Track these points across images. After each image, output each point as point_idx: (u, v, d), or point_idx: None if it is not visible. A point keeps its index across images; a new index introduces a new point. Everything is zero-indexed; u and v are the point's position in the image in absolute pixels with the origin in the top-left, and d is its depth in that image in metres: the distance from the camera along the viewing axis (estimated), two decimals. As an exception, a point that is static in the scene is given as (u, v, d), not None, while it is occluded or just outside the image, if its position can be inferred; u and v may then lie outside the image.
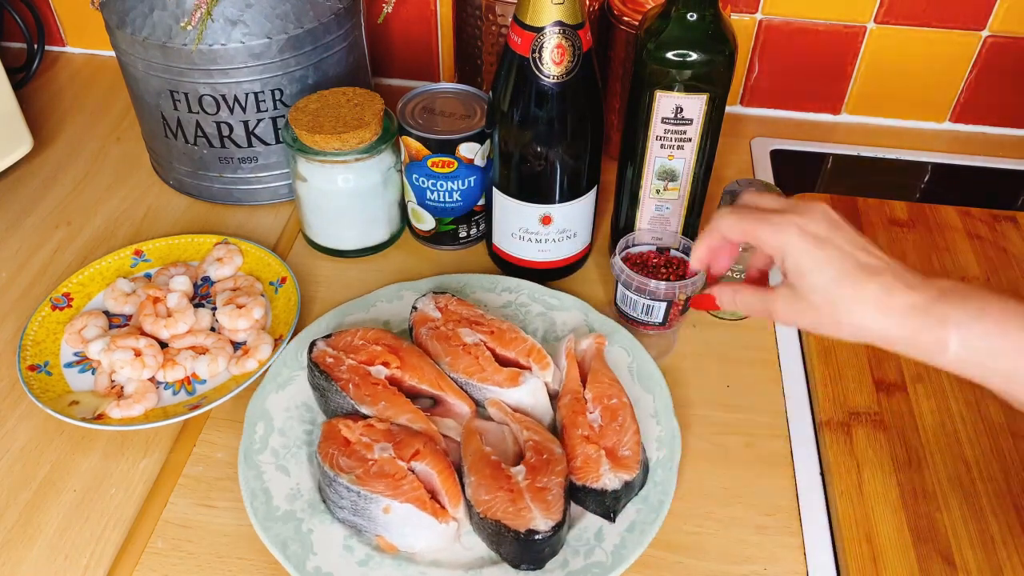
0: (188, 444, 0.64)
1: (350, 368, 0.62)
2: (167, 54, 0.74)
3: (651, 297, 0.67)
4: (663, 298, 0.67)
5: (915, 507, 0.60)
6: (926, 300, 0.47)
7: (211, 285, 0.76)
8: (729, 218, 0.53)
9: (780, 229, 0.50)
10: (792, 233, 0.50)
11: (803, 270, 0.49)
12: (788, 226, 0.50)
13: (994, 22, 0.90)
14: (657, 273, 0.69)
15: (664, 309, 0.68)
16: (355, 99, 0.75)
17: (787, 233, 0.50)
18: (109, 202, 0.87)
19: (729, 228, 0.53)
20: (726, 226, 0.53)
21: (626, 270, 0.67)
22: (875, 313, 0.47)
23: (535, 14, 0.62)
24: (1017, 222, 0.84)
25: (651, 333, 0.70)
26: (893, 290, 0.47)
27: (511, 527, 0.53)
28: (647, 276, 0.68)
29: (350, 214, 0.77)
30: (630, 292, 0.68)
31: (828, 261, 0.49)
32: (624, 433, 0.59)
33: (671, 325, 0.70)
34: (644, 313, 0.69)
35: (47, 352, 0.69)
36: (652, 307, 0.68)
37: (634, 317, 0.70)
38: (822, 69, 0.96)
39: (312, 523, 0.57)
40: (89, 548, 0.58)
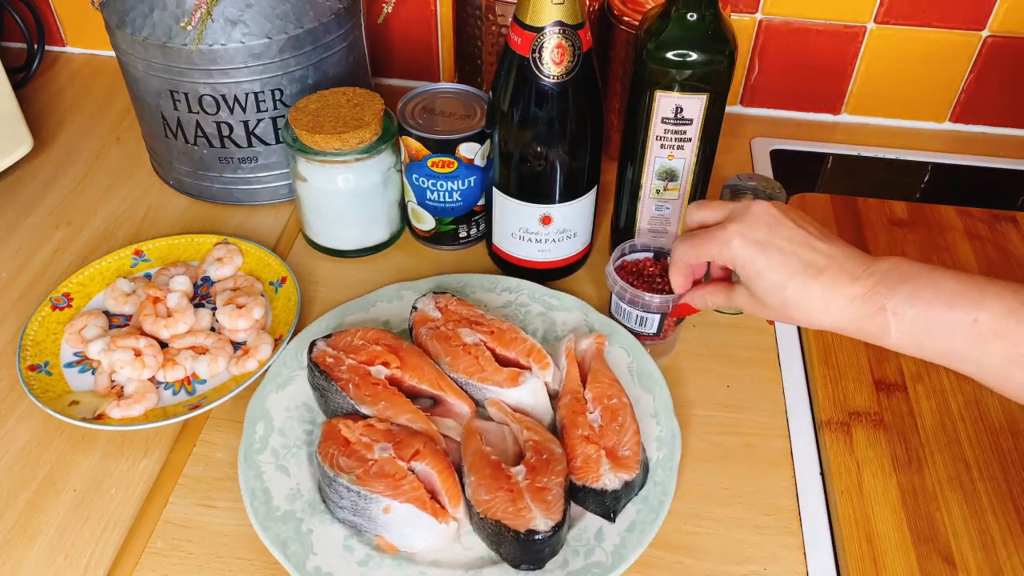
0: (188, 444, 0.64)
1: (350, 368, 0.62)
2: (167, 54, 0.74)
3: (644, 309, 0.67)
4: (656, 311, 0.67)
5: (915, 507, 0.60)
6: (865, 289, 0.49)
7: (211, 285, 0.76)
8: (682, 246, 0.57)
9: (725, 243, 0.54)
10: (737, 244, 0.53)
11: (752, 276, 0.53)
12: (732, 238, 0.53)
13: (994, 22, 0.90)
14: (653, 282, 0.68)
15: (658, 321, 0.68)
16: (355, 99, 0.75)
17: (732, 245, 0.53)
18: (109, 202, 0.87)
19: (686, 255, 0.57)
20: (682, 254, 0.58)
21: (619, 282, 0.67)
22: (822, 310, 0.51)
23: (535, 14, 0.62)
24: (1017, 222, 0.84)
25: (647, 343, 0.70)
26: (836, 285, 0.50)
27: (511, 527, 0.53)
28: (643, 284, 0.68)
29: (350, 214, 0.77)
30: (624, 304, 0.68)
31: (772, 267, 0.52)
32: (624, 433, 0.59)
33: (666, 335, 0.70)
34: (638, 324, 0.69)
35: (47, 352, 0.69)
36: (646, 319, 0.68)
37: (628, 327, 0.70)
38: (822, 69, 0.96)
39: (312, 523, 0.57)
40: (89, 548, 0.58)
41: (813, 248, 0.52)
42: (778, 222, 0.53)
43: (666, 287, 0.69)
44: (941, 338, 0.48)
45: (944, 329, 0.47)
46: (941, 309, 0.47)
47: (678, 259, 0.59)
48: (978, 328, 0.46)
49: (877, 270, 0.50)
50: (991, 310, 0.46)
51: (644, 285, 0.68)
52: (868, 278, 0.50)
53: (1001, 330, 0.46)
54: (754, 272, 0.52)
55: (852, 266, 0.51)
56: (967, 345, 0.47)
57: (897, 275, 0.49)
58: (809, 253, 0.51)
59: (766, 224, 0.53)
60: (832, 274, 0.50)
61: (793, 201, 0.86)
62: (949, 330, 0.47)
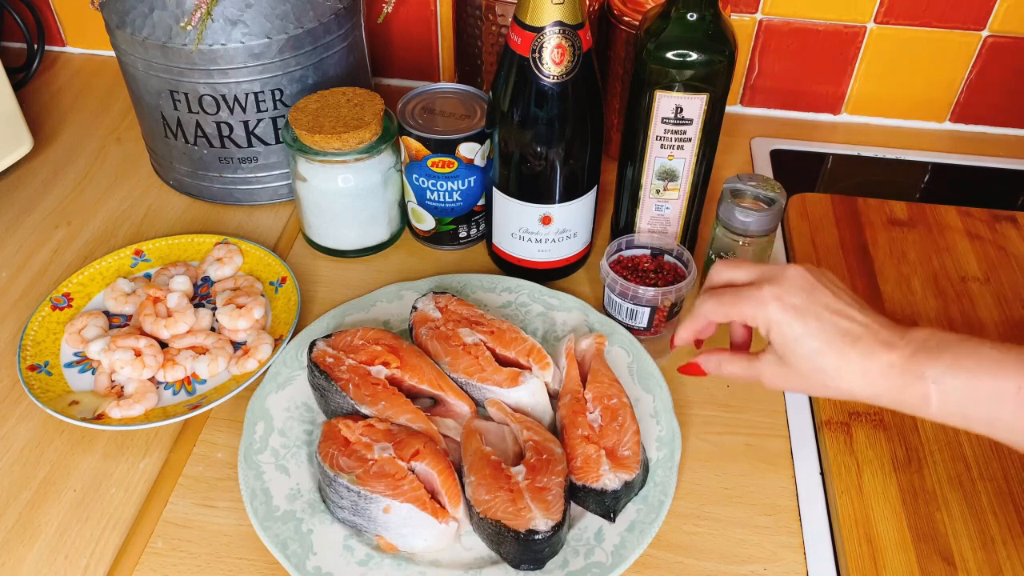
0: (188, 444, 0.64)
1: (350, 368, 0.62)
2: (167, 54, 0.74)
3: (634, 302, 0.67)
4: (646, 304, 0.67)
5: (915, 507, 0.60)
6: (903, 358, 0.49)
7: (211, 285, 0.76)
8: (709, 303, 0.55)
9: (761, 304, 0.52)
10: (773, 308, 0.52)
11: (788, 342, 0.51)
12: (768, 301, 0.52)
13: (994, 22, 0.90)
14: (647, 278, 0.69)
15: (648, 314, 0.68)
16: (355, 99, 0.75)
17: (768, 308, 0.52)
18: (109, 202, 0.87)
19: (712, 312, 0.55)
20: (709, 310, 0.56)
21: (611, 273, 0.67)
22: (859, 378, 0.50)
23: (535, 14, 0.62)
24: (1017, 222, 0.84)
25: (640, 338, 0.70)
26: (873, 353, 0.49)
27: (511, 527, 0.53)
28: (637, 280, 0.68)
29: (350, 214, 0.77)
30: (614, 296, 0.68)
31: (810, 333, 0.51)
32: (624, 433, 0.59)
33: (657, 331, 0.70)
34: (628, 317, 0.69)
35: (47, 352, 0.69)
36: (636, 312, 0.68)
37: (619, 321, 0.70)
38: (822, 69, 0.96)
39: (312, 523, 0.57)
40: (89, 548, 0.58)
41: (849, 316, 0.51)
42: (814, 288, 0.52)
43: (659, 283, 0.69)
44: (985, 407, 0.47)
45: (988, 398, 0.47)
46: (984, 378, 0.47)
47: (701, 314, 0.56)
48: (1022, 396, 0.46)
49: (913, 339, 0.49)
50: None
51: (637, 280, 0.68)
52: (905, 347, 0.49)
53: None
54: (792, 338, 0.51)
55: (887, 335, 0.50)
56: (1013, 413, 0.46)
57: (935, 344, 0.49)
58: (845, 321, 0.51)
59: (802, 289, 0.52)
60: (869, 342, 0.50)
61: (793, 201, 0.86)
62: (993, 399, 0.47)
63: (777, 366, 0.53)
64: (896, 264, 0.79)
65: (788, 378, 0.53)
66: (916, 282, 0.77)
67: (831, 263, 0.79)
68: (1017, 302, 0.75)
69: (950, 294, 0.76)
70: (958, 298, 0.75)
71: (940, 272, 0.78)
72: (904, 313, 0.74)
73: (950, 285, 0.77)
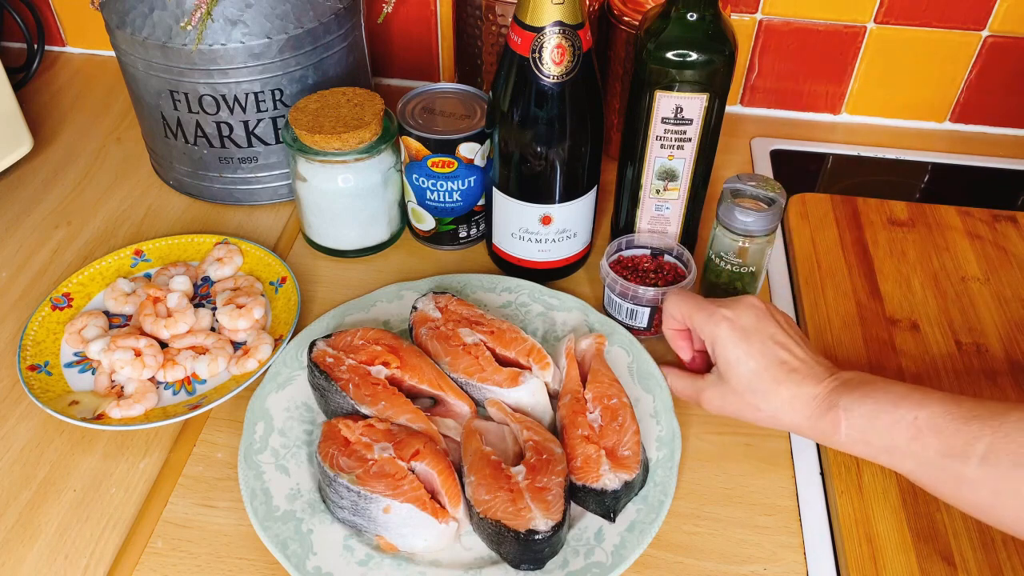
0: (188, 444, 0.64)
1: (350, 368, 0.62)
2: (167, 54, 0.74)
3: (634, 302, 0.67)
4: (647, 304, 0.67)
5: (915, 507, 0.60)
6: (826, 391, 0.54)
7: (211, 285, 0.76)
8: (674, 298, 0.61)
9: (712, 319, 0.58)
10: (723, 325, 0.57)
11: (730, 360, 0.57)
12: (720, 319, 0.57)
13: (994, 22, 0.90)
14: (646, 278, 0.69)
15: (648, 314, 0.68)
16: (355, 99, 0.75)
17: (718, 324, 0.57)
18: (109, 202, 0.87)
19: (674, 308, 0.61)
20: (672, 306, 0.62)
21: (611, 273, 0.67)
22: (786, 405, 0.55)
23: (535, 14, 0.62)
24: (1017, 222, 0.84)
25: (640, 338, 0.70)
26: (803, 383, 0.55)
27: (511, 527, 0.53)
28: (637, 280, 0.68)
29: (350, 214, 0.77)
30: (614, 296, 0.68)
31: (751, 355, 0.56)
32: (624, 433, 0.59)
33: (657, 331, 0.70)
34: (628, 317, 0.69)
35: (47, 352, 0.69)
36: (636, 312, 0.68)
37: (619, 321, 0.70)
38: (822, 69, 0.96)
39: (312, 523, 0.57)
40: (89, 548, 0.58)
41: (790, 350, 0.56)
42: (764, 317, 0.57)
43: (659, 282, 0.69)
44: (885, 434, 0.51)
45: (888, 425, 0.51)
46: (887, 407, 0.51)
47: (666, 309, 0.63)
48: (917, 424, 0.50)
49: (840, 376, 0.54)
50: (930, 409, 0.50)
51: (637, 280, 0.68)
52: (831, 381, 0.54)
53: (938, 426, 0.49)
54: (734, 356, 0.56)
55: (820, 371, 0.55)
56: (907, 440, 0.50)
57: (856, 381, 0.54)
58: (785, 353, 0.56)
59: (754, 316, 0.57)
60: (802, 374, 0.55)
61: (793, 201, 0.86)
62: (892, 426, 0.51)
63: (716, 386, 0.58)
64: (896, 264, 0.79)
65: (725, 398, 0.58)
66: (916, 282, 0.77)
67: (831, 263, 0.79)
68: (1017, 302, 0.75)
69: (950, 294, 0.76)
70: (958, 298, 0.75)
71: (940, 272, 0.78)
72: (904, 313, 0.74)
73: (950, 285, 0.77)
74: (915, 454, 0.50)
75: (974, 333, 0.72)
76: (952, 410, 0.50)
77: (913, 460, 0.51)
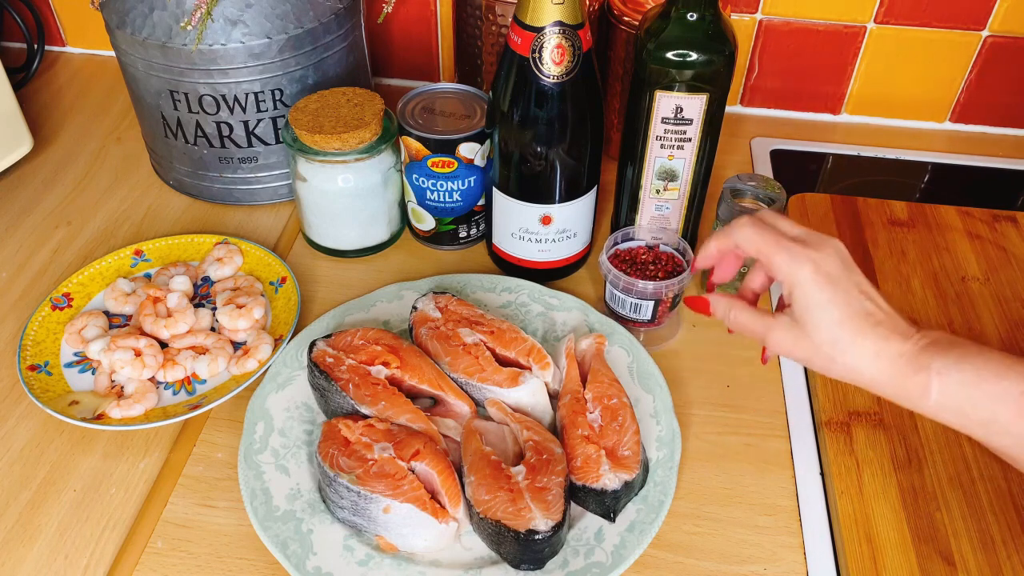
0: (188, 444, 0.64)
1: (350, 368, 0.62)
2: (167, 54, 0.74)
3: (639, 296, 0.67)
4: (651, 297, 0.67)
5: (915, 507, 0.60)
6: (915, 349, 0.49)
7: (211, 285, 0.76)
8: (747, 230, 0.53)
9: (796, 260, 0.51)
10: (807, 268, 0.50)
11: (810, 306, 0.50)
12: (804, 260, 0.51)
13: (994, 22, 0.90)
14: (646, 270, 0.69)
15: (652, 307, 0.68)
16: (355, 99, 0.75)
17: (802, 266, 0.51)
18: (109, 202, 0.87)
19: (746, 240, 0.53)
20: (743, 237, 0.54)
21: (613, 270, 0.68)
22: (869, 360, 0.50)
23: (535, 14, 0.62)
24: (1017, 222, 0.84)
25: (642, 330, 0.70)
26: (890, 338, 0.49)
27: (511, 527, 0.53)
28: (636, 272, 0.69)
29: (350, 214, 0.77)
30: (618, 291, 0.68)
31: (835, 303, 0.50)
32: (624, 433, 0.59)
33: (660, 322, 0.70)
34: (633, 311, 0.69)
35: (47, 352, 0.69)
36: (640, 305, 0.68)
37: (623, 315, 0.70)
38: (822, 69, 0.96)
39: (312, 523, 0.57)
40: (89, 548, 0.58)
41: (875, 301, 0.51)
42: (851, 265, 0.52)
43: (659, 273, 0.69)
44: (985, 406, 0.46)
45: (990, 397, 0.46)
46: (989, 377, 0.46)
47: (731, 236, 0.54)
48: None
49: (928, 335, 0.50)
50: None
51: (637, 273, 0.69)
52: (920, 339, 0.49)
53: None
54: (815, 302, 0.50)
55: (905, 327, 0.50)
56: (1012, 416, 0.46)
57: (947, 342, 0.49)
58: (870, 304, 0.51)
59: (841, 261, 0.51)
60: (888, 328, 0.50)
61: (793, 201, 0.86)
62: (995, 399, 0.46)
63: (789, 329, 0.52)
64: (896, 264, 0.79)
65: (797, 343, 0.52)
66: (916, 282, 0.77)
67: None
68: (1017, 302, 0.75)
69: (950, 294, 0.76)
70: (958, 298, 0.75)
71: (940, 272, 0.78)
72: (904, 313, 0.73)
73: (950, 285, 0.77)
74: (1019, 434, 0.46)
75: (974, 333, 0.72)
76: None
77: (1012, 438, 0.46)
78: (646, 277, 0.68)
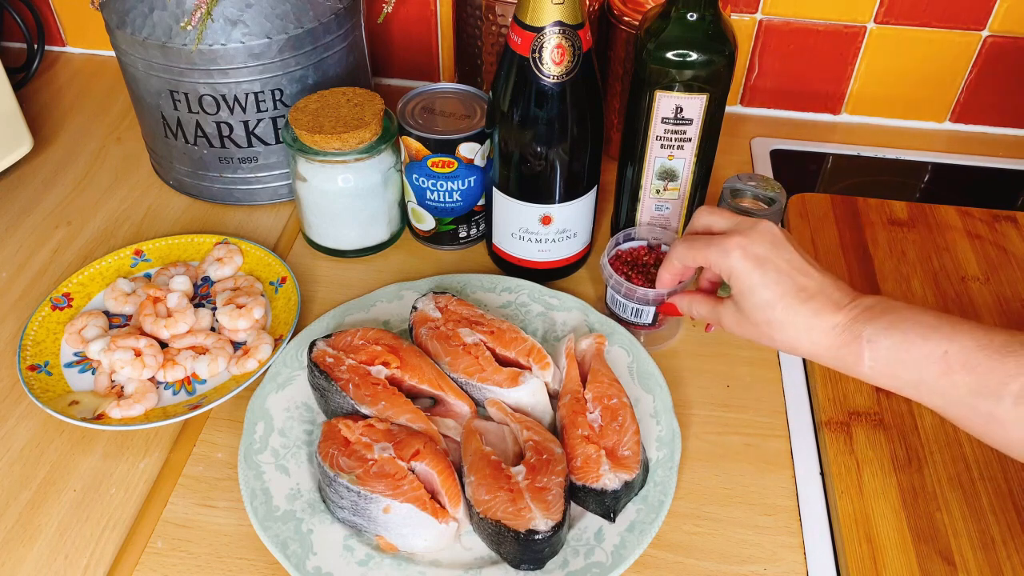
0: (188, 444, 0.64)
1: (350, 368, 0.62)
2: (167, 54, 0.74)
3: (640, 301, 0.67)
4: (652, 302, 0.67)
5: (915, 507, 0.60)
6: (848, 319, 0.51)
7: (211, 285, 0.76)
8: (681, 247, 0.59)
9: (723, 250, 0.55)
10: (736, 256, 0.54)
11: (745, 290, 0.54)
12: (733, 249, 0.54)
13: (994, 22, 0.90)
14: (647, 272, 0.69)
15: (653, 311, 0.68)
16: (355, 99, 0.75)
17: (731, 256, 0.54)
18: (109, 202, 0.87)
19: (682, 256, 0.59)
20: (679, 255, 0.59)
21: (614, 275, 0.68)
22: (804, 335, 0.52)
23: (535, 14, 0.62)
24: (1017, 222, 0.84)
25: (642, 332, 0.70)
26: (822, 312, 0.52)
27: (511, 527, 0.53)
28: (637, 274, 0.69)
29: (350, 214, 0.77)
30: (619, 296, 0.68)
31: (766, 284, 0.53)
32: (624, 433, 0.59)
33: (661, 325, 0.70)
34: (633, 315, 0.69)
35: (47, 352, 0.69)
36: (641, 310, 0.68)
37: (624, 319, 0.70)
38: (822, 69, 0.96)
39: (312, 523, 0.57)
40: (89, 548, 0.58)
41: (807, 275, 0.53)
42: (780, 243, 0.54)
43: None
44: (913, 368, 0.49)
45: (917, 360, 0.48)
46: (915, 340, 0.49)
47: (673, 258, 0.60)
48: (948, 359, 0.47)
49: (861, 303, 0.52)
50: (961, 343, 0.47)
51: (639, 275, 0.69)
52: (852, 309, 0.51)
53: (969, 362, 0.47)
54: (747, 286, 0.54)
55: (839, 297, 0.52)
56: (936, 376, 0.48)
57: (880, 308, 0.51)
58: (803, 278, 0.53)
59: (769, 242, 0.54)
60: (820, 301, 0.52)
61: (793, 201, 0.86)
62: (921, 360, 0.48)
63: (734, 313, 0.56)
64: (896, 264, 0.79)
65: (741, 325, 0.56)
66: (916, 282, 0.77)
67: (831, 263, 0.79)
68: (1017, 302, 0.75)
69: (950, 294, 0.76)
70: (958, 298, 0.75)
71: (940, 272, 0.78)
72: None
73: (950, 285, 0.77)
74: (944, 391, 0.48)
75: (974, 333, 0.72)
76: (984, 344, 0.47)
77: (942, 397, 0.48)
78: (648, 279, 0.68)
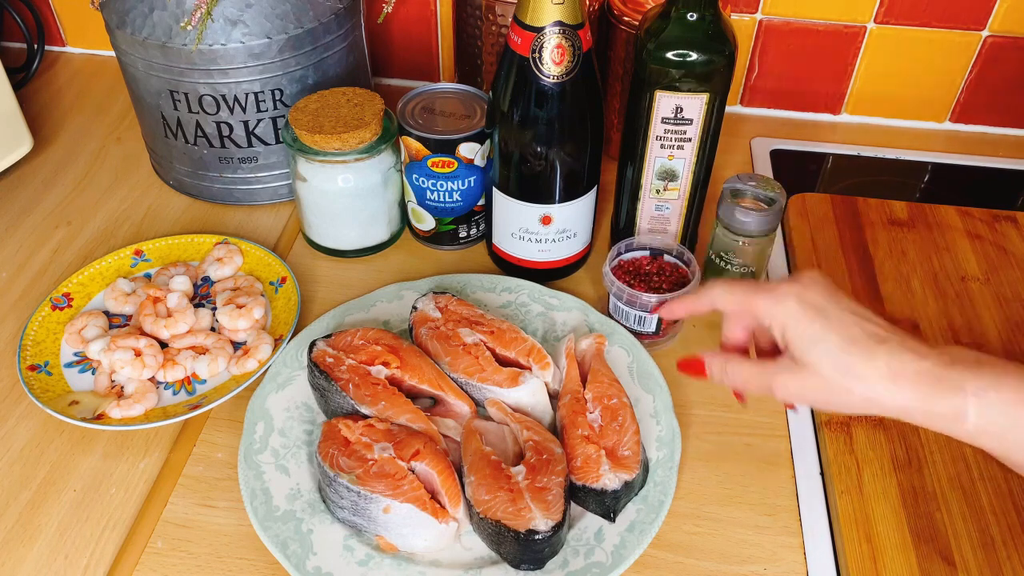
0: (188, 444, 0.64)
1: (350, 368, 0.62)
2: (167, 54, 0.74)
3: (642, 309, 0.67)
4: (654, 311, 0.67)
5: (915, 507, 0.60)
6: (937, 366, 0.45)
7: (211, 285, 0.76)
8: (719, 288, 0.52)
9: (778, 300, 0.49)
10: (791, 304, 0.48)
11: (807, 340, 0.47)
12: (786, 296, 0.49)
13: (994, 22, 0.90)
14: (650, 281, 0.69)
15: (656, 320, 0.68)
16: (355, 99, 0.75)
17: (785, 304, 0.48)
18: (109, 202, 0.87)
19: (721, 298, 0.53)
20: (717, 296, 0.53)
21: (616, 283, 0.67)
22: (887, 381, 0.45)
23: (535, 14, 0.62)
24: (1017, 222, 0.84)
25: (646, 341, 0.70)
26: (902, 356, 0.45)
27: (511, 527, 0.53)
28: (640, 283, 0.68)
29: (350, 214, 0.77)
30: (621, 304, 0.68)
31: (831, 330, 0.47)
32: (624, 433, 0.59)
33: (664, 334, 0.70)
34: (636, 323, 0.69)
35: (47, 352, 0.69)
36: (644, 318, 0.68)
37: (626, 327, 0.70)
38: (822, 69, 0.96)
39: (312, 523, 0.57)
40: (89, 548, 0.58)
41: (873, 320, 0.47)
42: (835, 291, 0.49)
43: (663, 284, 0.69)
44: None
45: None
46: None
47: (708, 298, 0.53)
48: None
49: (947, 351, 0.45)
50: None
51: (641, 284, 0.68)
52: (938, 356, 0.45)
53: None
54: (810, 336, 0.47)
55: (915, 344, 0.46)
56: None
57: (972, 358, 0.45)
58: (870, 324, 0.47)
59: (824, 289, 0.49)
60: (896, 344, 0.46)
61: (793, 201, 0.86)
62: None
63: (794, 372, 0.48)
64: (896, 264, 0.79)
65: (806, 383, 0.48)
66: (916, 282, 0.77)
67: (831, 263, 0.79)
68: (1017, 302, 0.75)
69: (950, 294, 0.76)
70: (958, 298, 0.75)
71: (940, 272, 0.78)
72: (904, 313, 0.74)
73: (950, 285, 0.77)
74: None
75: (974, 333, 0.72)
76: None
77: None
78: (650, 288, 0.67)
